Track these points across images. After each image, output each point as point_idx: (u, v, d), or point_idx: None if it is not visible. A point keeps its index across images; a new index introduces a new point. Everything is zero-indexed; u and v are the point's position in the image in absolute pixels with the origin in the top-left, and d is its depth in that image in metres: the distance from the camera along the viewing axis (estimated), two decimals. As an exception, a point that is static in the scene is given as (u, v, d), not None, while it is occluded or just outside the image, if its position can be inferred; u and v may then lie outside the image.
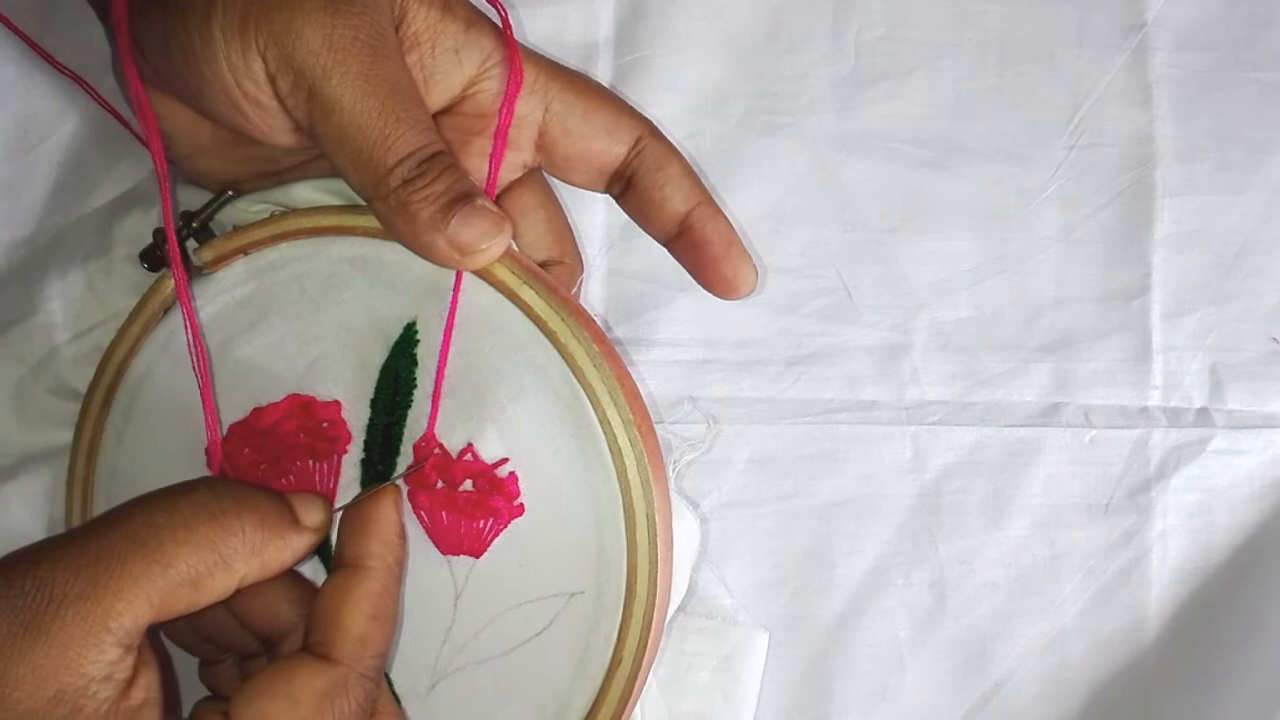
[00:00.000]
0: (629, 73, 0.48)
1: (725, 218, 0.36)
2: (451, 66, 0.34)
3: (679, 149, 0.37)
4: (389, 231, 0.33)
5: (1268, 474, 0.48)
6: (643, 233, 0.38)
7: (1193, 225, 0.49)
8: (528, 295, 0.34)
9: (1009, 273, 0.48)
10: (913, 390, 0.48)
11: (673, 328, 0.47)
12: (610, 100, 0.36)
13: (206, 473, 0.36)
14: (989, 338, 0.48)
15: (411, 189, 0.31)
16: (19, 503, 0.39)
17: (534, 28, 0.47)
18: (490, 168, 0.34)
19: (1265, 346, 0.48)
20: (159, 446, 0.37)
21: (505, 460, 0.35)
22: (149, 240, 0.38)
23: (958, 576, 0.47)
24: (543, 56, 0.35)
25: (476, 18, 0.34)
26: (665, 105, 0.48)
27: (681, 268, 0.37)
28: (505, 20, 0.35)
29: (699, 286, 0.37)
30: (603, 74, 0.48)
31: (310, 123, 0.31)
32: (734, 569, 0.47)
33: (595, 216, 0.47)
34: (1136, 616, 0.47)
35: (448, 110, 0.35)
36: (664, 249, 0.38)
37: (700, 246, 0.36)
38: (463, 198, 0.32)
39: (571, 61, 0.46)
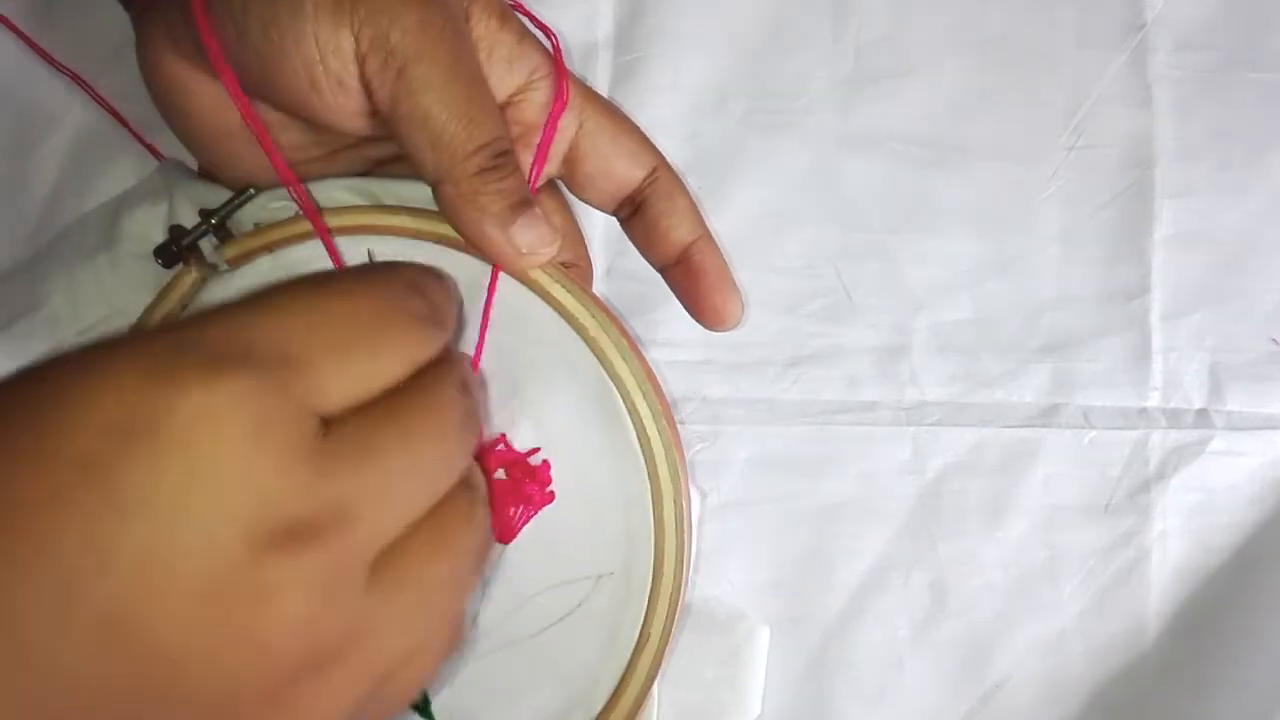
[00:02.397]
0: (629, 72, 0.48)
1: (721, 254, 0.38)
2: (503, 74, 0.35)
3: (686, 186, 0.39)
4: (447, 215, 0.34)
5: (1267, 475, 0.48)
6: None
7: (1192, 225, 0.49)
8: (559, 293, 0.36)
9: (1009, 273, 0.49)
10: (912, 391, 0.48)
11: (672, 328, 0.48)
12: (635, 129, 0.38)
13: None
14: (988, 338, 0.49)
15: (486, 180, 0.33)
16: None
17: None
18: (532, 177, 0.36)
19: (1265, 347, 0.49)
20: None
21: (537, 450, 0.37)
22: (156, 237, 0.38)
23: (957, 577, 0.48)
24: (578, 79, 0.37)
25: (526, 32, 0.36)
26: (665, 105, 0.48)
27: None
28: (555, 45, 0.37)
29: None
30: (602, 74, 0.48)
31: (393, 102, 0.32)
32: (733, 569, 0.47)
33: (595, 216, 0.48)
34: (1136, 617, 0.48)
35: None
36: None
37: (697, 275, 0.38)
38: (526, 202, 0.34)
39: (571, 61, 0.47)
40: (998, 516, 0.48)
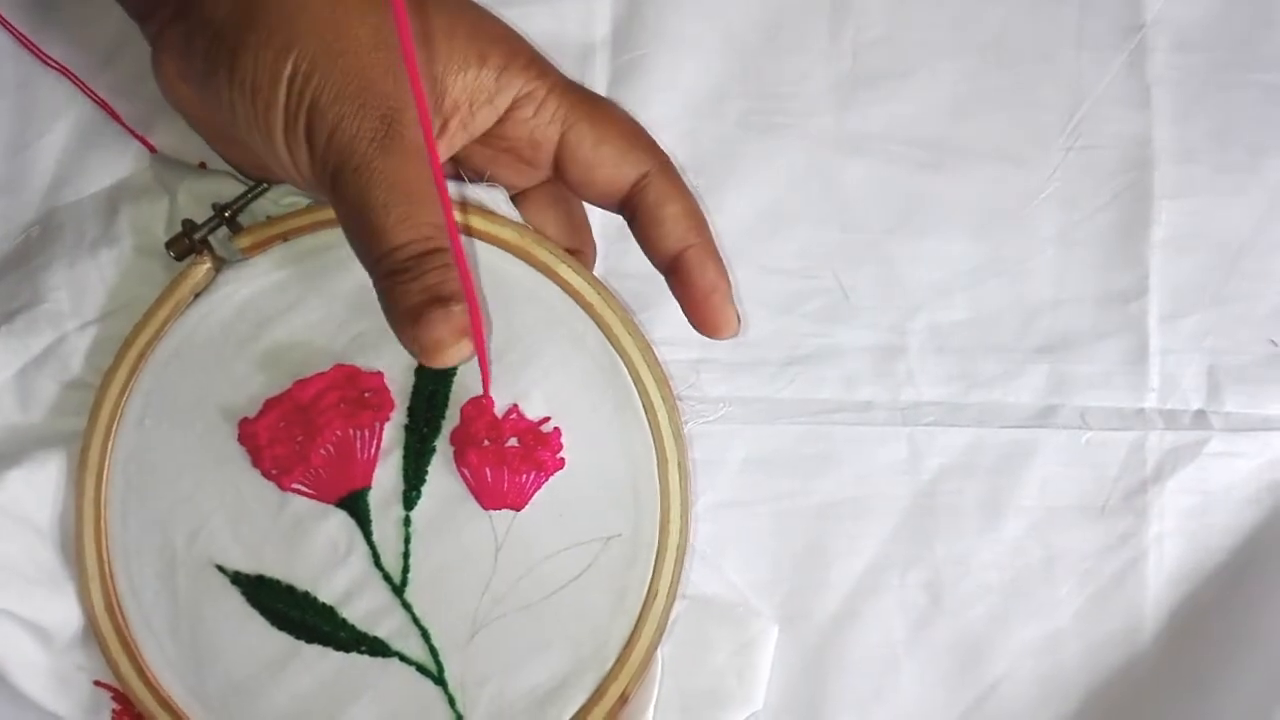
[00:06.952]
0: (626, 72, 0.49)
1: (718, 262, 0.39)
2: (487, 115, 0.37)
3: (689, 189, 0.39)
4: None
5: (1264, 476, 0.49)
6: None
7: (1191, 227, 0.50)
8: (565, 273, 0.40)
9: (1006, 274, 0.50)
10: (909, 391, 0.49)
11: (669, 327, 0.47)
12: (625, 133, 0.39)
13: (238, 451, 0.39)
14: (986, 339, 0.49)
15: (394, 280, 0.34)
16: (24, 489, 0.40)
17: (531, 27, 0.48)
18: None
19: (1263, 349, 0.50)
20: (185, 428, 0.40)
21: (548, 418, 0.39)
22: (157, 231, 0.40)
23: (953, 578, 0.48)
24: (571, 84, 0.38)
25: (507, 64, 0.37)
26: (663, 105, 0.49)
27: None
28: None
29: None
30: (600, 73, 0.49)
31: (331, 199, 0.35)
32: (730, 568, 0.48)
33: (593, 215, 0.49)
34: (1132, 619, 0.48)
35: (489, 133, 0.38)
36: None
37: (685, 286, 0.39)
38: (437, 301, 0.34)
39: (568, 61, 0.48)
40: (994, 517, 0.49)
